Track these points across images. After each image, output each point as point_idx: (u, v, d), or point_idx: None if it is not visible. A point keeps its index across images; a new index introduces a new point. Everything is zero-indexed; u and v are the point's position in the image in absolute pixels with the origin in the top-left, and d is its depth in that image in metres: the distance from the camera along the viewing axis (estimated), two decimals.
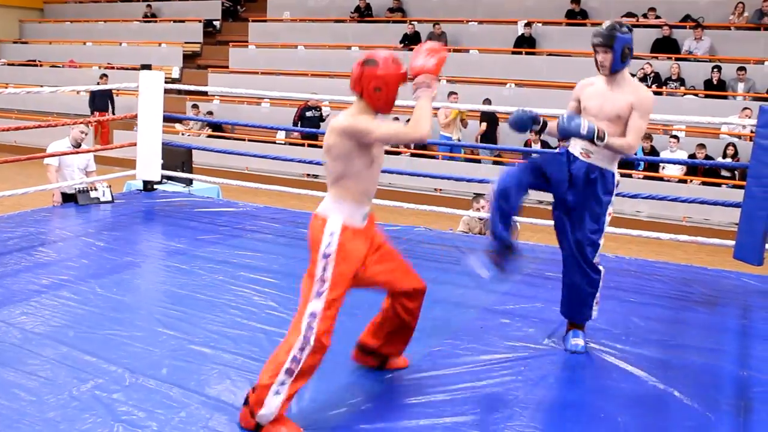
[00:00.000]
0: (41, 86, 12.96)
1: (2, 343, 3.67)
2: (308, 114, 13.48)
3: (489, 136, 12.58)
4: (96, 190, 6.81)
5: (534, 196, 4.05)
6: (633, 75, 13.53)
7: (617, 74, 3.61)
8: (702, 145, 11.08)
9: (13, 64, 19.63)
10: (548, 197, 3.87)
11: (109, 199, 6.83)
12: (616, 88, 3.64)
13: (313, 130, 11.11)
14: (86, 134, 7.05)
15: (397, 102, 3.14)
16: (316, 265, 2.99)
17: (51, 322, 3.98)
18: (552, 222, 3.93)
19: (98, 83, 15.11)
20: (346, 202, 3.01)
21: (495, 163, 12.62)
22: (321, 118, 13.61)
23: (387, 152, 3.46)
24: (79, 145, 6.99)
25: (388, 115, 3.15)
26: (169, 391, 3.23)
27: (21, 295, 4.37)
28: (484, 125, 12.53)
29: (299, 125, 13.30)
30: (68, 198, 6.98)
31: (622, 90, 3.62)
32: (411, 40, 15.15)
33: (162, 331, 3.92)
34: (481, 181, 6.89)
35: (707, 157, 10.94)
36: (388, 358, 3.55)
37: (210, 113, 15.25)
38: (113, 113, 14.78)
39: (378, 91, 3.00)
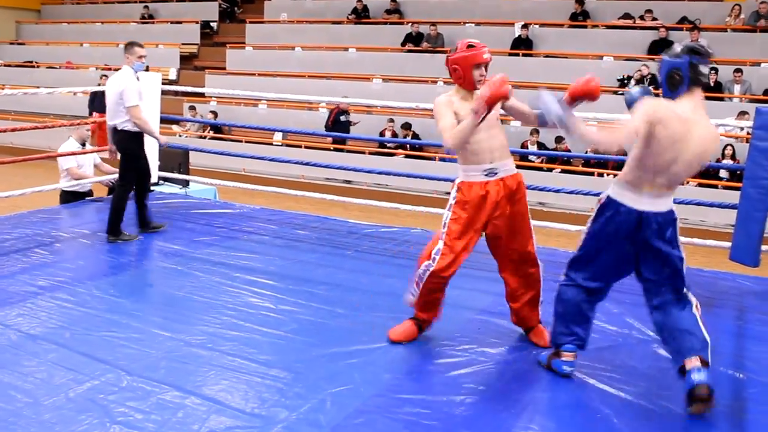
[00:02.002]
0: (38, 87, 12.94)
1: None
2: (342, 118, 13.42)
3: None
4: None
5: (534, 198, 4.04)
6: (630, 77, 13.57)
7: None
8: None
9: (9, 65, 19.61)
10: (548, 199, 3.91)
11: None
12: None
13: (319, 132, 11.07)
14: (90, 132, 7.32)
15: None
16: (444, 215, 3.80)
17: (47, 324, 3.98)
18: (546, 223, 3.96)
19: (99, 84, 15.09)
20: (463, 165, 3.75)
21: None
22: (350, 123, 13.60)
23: (382, 154, 3.55)
24: (84, 144, 7.21)
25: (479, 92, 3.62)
26: (166, 393, 3.24)
27: (17, 296, 4.37)
28: None
29: (333, 129, 13.22)
30: (80, 196, 7.25)
31: None
32: (413, 41, 15.17)
33: (159, 333, 3.92)
34: None
35: None
36: (530, 328, 4.03)
37: (214, 114, 15.23)
38: None
39: (455, 71, 3.74)
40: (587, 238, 3.41)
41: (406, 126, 13.08)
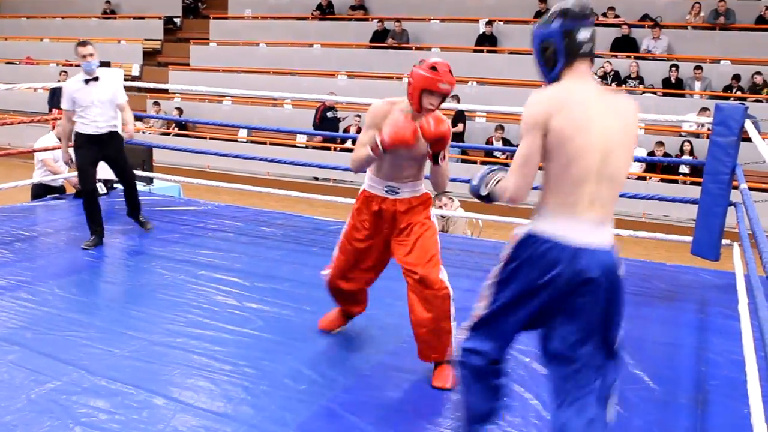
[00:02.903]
0: None
1: None
2: (329, 115, 13.33)
3: (458, 135, 12.59)
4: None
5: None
6: (594, 73, 13.81)
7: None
8: (660, 143, 11.25)
9: None
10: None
11: (105, 192, 7.03)
12: None
13: (289, 129, 11.00)
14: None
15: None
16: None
17: (8, 324, 3.91)
18: (514, 219, 3.86)
19: (58, 80, 14.86)
20: (368, 173, 3.55)
21: (462, 161, 12.66)
22: (338, 119, 13.52)
23: (347, 150, 3.54)
24: None
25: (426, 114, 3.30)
26: (129, 392, 3.20)
27: None
28: (460, 126, 12.50)
29: (320, 126, 13.13)
30: (52, 190, 7.30)
31: None
32: (379, 37, 15.17)
33: (122, 332, 3.87)
34: (452, 180, 6.90)
35: (665, 155, 11.11)
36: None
37: (180, 110, 15.09)
38: None
39: (409, 84, 3.32)
40: (492, 293, 2.50)
41: None
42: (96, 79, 5.47)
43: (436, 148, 3.26)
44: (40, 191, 7.25)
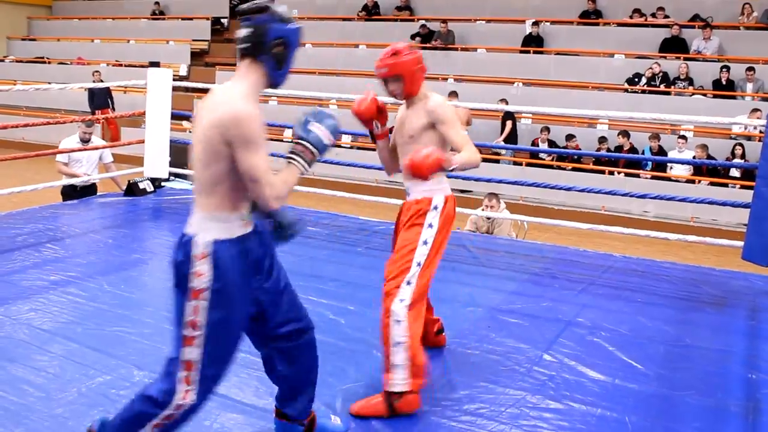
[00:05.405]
0: (49, 83, 12.98)
1: (10, 339, 3.69)
2: None
3: (510, 136, 12.50)
4: (142, 182, 7.13)
5: (545, 196, 4.02)
6: (641, 75, 13.60)
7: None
8: (704, 146, 10.98)
9: (21, 61, 19.69)
10: (559, 197, 3.81)
11: (152, 189, 7.15)
12: None
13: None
14: (88, 133, 7.17)
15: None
16: None
17: (59, 319, 3.99)
18: (560, 222, 3.88)
19: (93, 80, 15.11)
20: None
21: (514, 163, 12.57)
22: None
23: None
24: (87, 141, 7.17)
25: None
26: None
27: (29, 291, 4.38)
28: (509, 125, 12.44)
29: None
30: (86, 190, 7.24)
31: None
32: (423, 39, 15.16)
33: (170, 328, 3.88)
34: (498, 181, 6.89)
35: (709, 157, 10.88)
36: None
37: None
38: (113, 110, 14.84)
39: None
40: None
41: None
42: None
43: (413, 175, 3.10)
44: (69, 191, 7.24)
